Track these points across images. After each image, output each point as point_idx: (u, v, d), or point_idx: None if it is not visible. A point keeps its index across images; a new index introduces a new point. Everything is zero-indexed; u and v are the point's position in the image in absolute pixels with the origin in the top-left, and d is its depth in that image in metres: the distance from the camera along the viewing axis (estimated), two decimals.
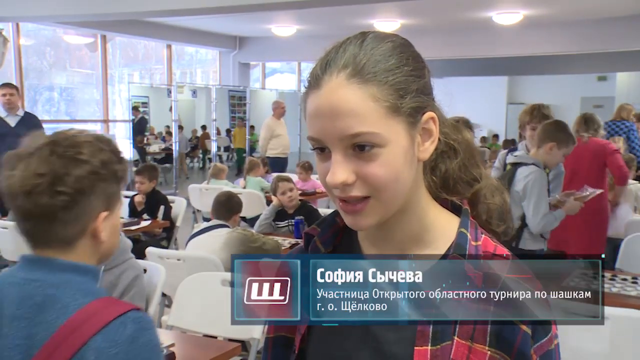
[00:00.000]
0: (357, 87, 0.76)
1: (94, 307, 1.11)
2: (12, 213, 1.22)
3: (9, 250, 4.17)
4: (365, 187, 0.78)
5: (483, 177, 0.92)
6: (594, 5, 8.65)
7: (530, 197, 3.18)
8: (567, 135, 3.28)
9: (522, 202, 3.21)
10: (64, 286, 1.14)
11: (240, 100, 12.51)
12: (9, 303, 1.13)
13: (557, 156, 3.27)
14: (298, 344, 0.91)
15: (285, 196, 4.32)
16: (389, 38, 0.81)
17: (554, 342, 0.82)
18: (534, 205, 3.18)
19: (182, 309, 2.74)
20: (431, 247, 0.85)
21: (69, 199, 1.15)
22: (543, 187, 3.23)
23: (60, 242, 1.18)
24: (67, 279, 1.15)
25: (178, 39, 11.10)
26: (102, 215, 1.19)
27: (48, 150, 1.16)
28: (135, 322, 1.11)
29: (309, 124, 0.79)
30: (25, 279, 1.16)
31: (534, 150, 3.31)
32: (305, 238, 0.93)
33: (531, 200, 3.18)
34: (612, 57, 11.66)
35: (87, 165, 1.16)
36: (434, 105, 0.84)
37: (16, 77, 9.02)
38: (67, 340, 1.07)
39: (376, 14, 9.33)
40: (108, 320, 1.09)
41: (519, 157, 3.30)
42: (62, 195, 1.14)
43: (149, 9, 7.14)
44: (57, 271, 1.16)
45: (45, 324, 1.10)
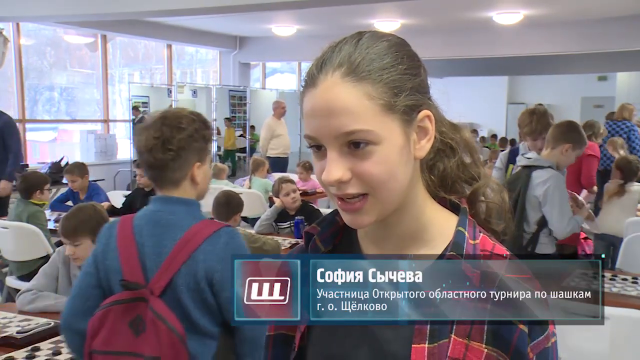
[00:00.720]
0: (352, 85, 0.77)
1: (199, 226, 1.67)
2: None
3: (9, 250, 4.17)
4: (361, 185, 0.79)
5: (482, 176, 0.92)
6: (594, 5, 8.65)
7: (553, 203, 3.11)
8: (581, 135, 3.24)
9: (543, 208, 3.14)
10: (177, 213, 1.70)
11: (240, 100, 12.51)
12: (146, 226, 1.68)
13: (571, 157, 3.23)
14: (298, 341, 0.91)
15: (289, 197, 4.33)
16: (384, 37, 0.82)
17: (551, 340, 0.82)
18: (558, 211, 3.12)
19: None
20: (429, 246, 0.86)
21: (174, 154, 1.68)
22: (564, 191, 3.19)
23: (171, 183, 1.72)
24: (179, 209, 1.71)
25: (178, 38, 11.10)
26: (197, 165, 1.74)
27: (160, 122, 1.69)
28: (226, 233, 1.69)
29: (306, 123, 0.80)
30: (153, 210, 1.72)
31: (547, 152, 3.24)
32: (306, 237, 0.94)
33: (555, 206, 3.11)
34: (612, 57, 11.66)
35: (185, 131, 1.69)
36: (430, 103, 0.84)
37: (16, 77, 9.02)
38: (184, 247, 1.64)
39: (376, 14, 9.33)
40: (209, 233, 1.66)
41: (533, 160, 3.21)
42: (170, 152, 1.68)
43: (149, 9, 7.13)
44: (172, 203, 1.72)
45: (169, 238, 1.65)
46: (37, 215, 4.24)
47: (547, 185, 3.11)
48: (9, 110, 6.98)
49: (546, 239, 3.24)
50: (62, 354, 2.05)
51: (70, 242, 2.56)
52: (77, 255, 2.57)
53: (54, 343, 2.14)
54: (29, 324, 2.27)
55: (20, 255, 4.11)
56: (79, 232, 2.56)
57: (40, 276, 2.63)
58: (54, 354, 2.05)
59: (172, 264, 1.62)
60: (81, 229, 2.56)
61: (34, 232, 4.00)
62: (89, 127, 10.61)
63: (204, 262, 1.63)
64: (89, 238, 2.58)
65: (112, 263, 1.67)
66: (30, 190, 4.27)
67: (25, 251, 4.07)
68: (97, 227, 2.60)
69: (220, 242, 1.66)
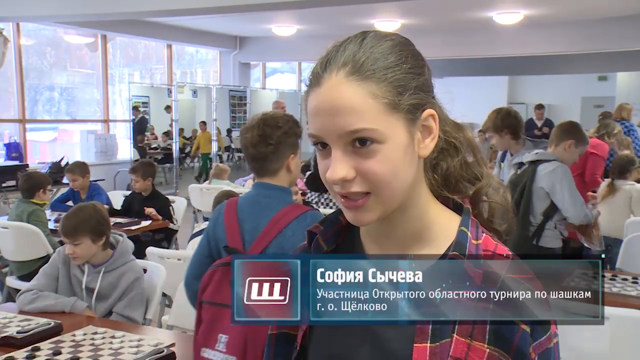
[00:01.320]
0: (356, 84, 0.77)
1: (288, 208, 2.02)
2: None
3: (9, 250, 4.17)
4: (365, 183, 0.79)
5: (484, 175, 0.92)
6: (594, 5, 8.64)
7: (563, 190, 3.23)
8: (583, 134, 3.41)
9: (554, 198, 3.24)
10: (272, 197, 2.05)
11: (240, 100, 12.51)
12: (247, 207, 2.05)
13: (575, 154, 3.37)
14: (300, 340, 0.91)
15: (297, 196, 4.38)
16: (388, 37, 0.82)
17: (553, 341, 0.82)
18: (570, 197, 3.22)
19: (183, 308, 2.73)
20: (432, 245, 0.86)
21: (274, 148, 2.04)
22: (572, 179, 3.29)
23: (270, 172, 2.08)
24: (274, 193, 2.06)
25: (178, 38, 11.10)
26: (291, 157, 2.09)
27: (262, 122, 2.05)
28: (311, 215, 2.01)
29: (310, 122, 0.80)
30: (253, 194, 2.09)
31: (551, 149, 3.38)
32: (309, 236, 0.94)
33: (565, 193, 3.23)
34: (612, 57, 11.65)
35: (282, 129, 2.05)
36: (434, 102, 0.84)
37: (17, 77, 9.02)
38: (276, 225, 1.98)
39: (376, 14, 9.32)
40: (297, 214, 1.99)
41: (539, 155, 3.34)
42: (270, 146, 2.04)
43: (149, 9, 7.13)
44: (269, 189, 2.07)
45: (264, 217, 2.00)
46: (38, 213, 4.24)
47: (554, 175, 3.23)
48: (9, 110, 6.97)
49: (551, 232, 3.30)
50: (62, 354, 2.05)
51: (70, 241, 2.57)
52: (77, 254, 2.58)
53: (54, 343, 2.14)
54: (29, 324, 2.27)
55: (20, 255, 4.11)
56: (78, 231, 2.56)
57: (40, 276, 2.63)
58: (54, 354, 2.05)
59: (265, 238, 1.97)
60: (81, 228, 2.56)
61: (34, 232, 4.00)
62: (89, 127, 10.61)
63: (291, 237, 1.95)
64: (89, 237, 2.58)
65: (220, 235, 2.05)
66: (32, 189, 4.28)
67: (26, 251, 4.07)
68: (98, 227, 2.61)
69: (305, 222, 1.97)
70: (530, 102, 14.94)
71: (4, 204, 7.84)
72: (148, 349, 2.08)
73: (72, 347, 2.11)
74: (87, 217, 2.62)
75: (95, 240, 2.60)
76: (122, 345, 2.12)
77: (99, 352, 2.07)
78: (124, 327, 2.35)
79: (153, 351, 2.04)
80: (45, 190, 4.32)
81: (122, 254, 2.65)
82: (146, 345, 2.13)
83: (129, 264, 2.64)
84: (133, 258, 2.70)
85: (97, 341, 2.15)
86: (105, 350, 2.08)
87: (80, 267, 2.62)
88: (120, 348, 2.10)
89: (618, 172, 4.60)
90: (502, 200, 0.92)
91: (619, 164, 4.65)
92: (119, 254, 2.64)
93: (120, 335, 2.20)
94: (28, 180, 4.34)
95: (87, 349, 2.10)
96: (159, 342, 2.15)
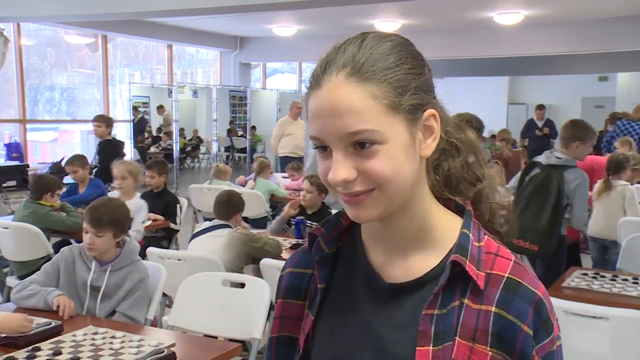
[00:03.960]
0: (356, 85, 0.77)
1: None
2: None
3: (9, 250, 4.17)
4: (368, 182, 0.78)
5: (486, 176, 0.91)
6: (594, 5, 8.64)
7: (580, 198, 3.62)
8: (584, 130, 3.69)
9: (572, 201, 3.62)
10: None
11: (241, 101, 12.52)
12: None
13: (584, 151, 3.70)
14: (302, 343, 0.91)
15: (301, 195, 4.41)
16: (388, 38, 0.82)
17: (557, 344, 0.81)
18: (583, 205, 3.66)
19: (183, 309, 2.74)
20: (433, 247, 0.85)
21: None
22: (587, 190, 3.73)
23: None
24: None
25: (179, 39, 11.10)
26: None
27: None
28: None
29: (311, 124, 0.80)
30: None
31: (565, 150, 3.67)
32: (310, 238, 0.93)
33: (580, 201, 3.63)
34: (613, 57, 11.65)
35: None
36: (435, 102, 0.84)
37: (17, 77, 9.02)
38: None
39: (377, 14, 9.33)
40: None
41: (563, 160, 3.63)
42: None
43: (150, 9, 7.14)
44: None
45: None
46: (51, 214, 4.26)
47: (577, 182, 3.62)
48: (9, 110, 6.97)
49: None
50: (62, 354, 2.05)
51: (95, 231, 2.55)
52: (96, 245, 2.56)
53: (54, 343, 2.14)
54: None
55: (21, 255, 4.11)
56: (104, 222, 2.55)
57: (41, 273, 2.62)
58: (54, 354, 2.05)
59: None
60: (108, 219, 2.56)
61: (34, 232, 4.00)
62: (90, 127, 10.59)
63: None
64: (112, 231, 2.57)
65: None
66: (41, 190, 4.28)
67: (26, 251, 4.07)
68: (122, 222, 2.62)
69: None
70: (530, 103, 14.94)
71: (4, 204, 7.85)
72: (148, 349, 2.08)
73: (72, 347, 2.11)
74: (114, 208, 2.62)
75: (116, 235, 2.60)
76: (122, 346, 2.11)
77: (99, 352, 2.07)
78: (124, 327, 2.34)
79: (153, 351, 2.04)
80: (53, 194, 4.33)
81: (129, 254, 2.65)
82: (146, 345, 2.12)
83: (136, 264, 2.64)
84: (139, 258, 2.70)
85: (97, 341, 2.15)
86: (106, 351, 2.08)
87: (87, 265, 2.61)
88: (120, 348, 2.10)
89: (613, 169, 4.59)
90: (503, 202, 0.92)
91: (615, 161, 4.64)
92: (127, 253, 2.64)
93: (121, 335, 2.20)
94: (38, 182, 4.35)
95: (88, 349, 2.10)
96: (160, 343, 2.15)
